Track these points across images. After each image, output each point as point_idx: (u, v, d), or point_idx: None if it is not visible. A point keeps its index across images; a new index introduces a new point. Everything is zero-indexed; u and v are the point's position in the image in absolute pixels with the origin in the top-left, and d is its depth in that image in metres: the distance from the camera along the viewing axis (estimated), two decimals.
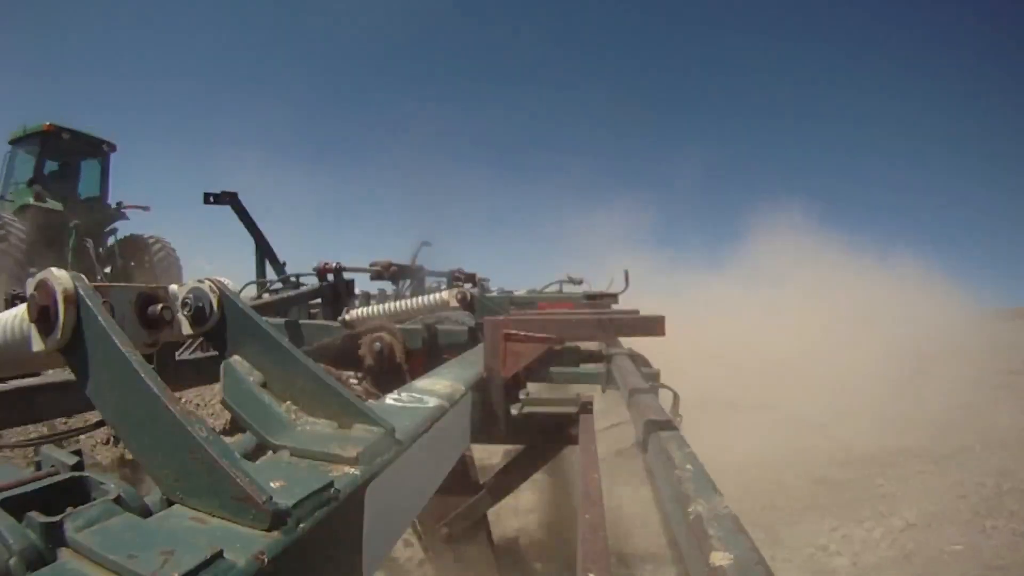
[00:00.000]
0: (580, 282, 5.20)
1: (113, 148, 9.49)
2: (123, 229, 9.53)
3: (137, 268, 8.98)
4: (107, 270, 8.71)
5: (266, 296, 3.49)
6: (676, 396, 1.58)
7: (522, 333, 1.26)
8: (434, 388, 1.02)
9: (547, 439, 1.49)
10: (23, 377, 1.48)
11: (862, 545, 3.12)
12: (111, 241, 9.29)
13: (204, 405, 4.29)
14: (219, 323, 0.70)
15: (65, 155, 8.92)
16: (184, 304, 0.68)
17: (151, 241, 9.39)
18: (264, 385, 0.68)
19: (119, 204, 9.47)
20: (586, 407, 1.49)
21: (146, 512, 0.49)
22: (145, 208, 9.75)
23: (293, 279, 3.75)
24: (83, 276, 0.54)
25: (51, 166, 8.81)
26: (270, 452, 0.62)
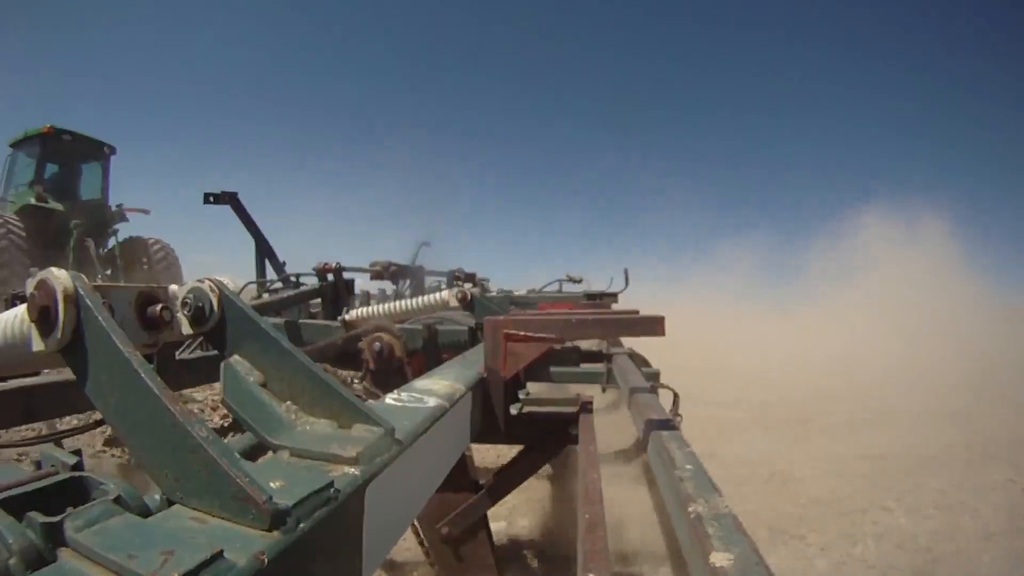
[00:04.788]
0: (580, 281, 5.20)
1: (113, 151, 9.51)
2: (124, 231, 9.57)
3: (137, 270, 8.99)
4: (107, 272, 8.72)
5: (266, 296, 3.49)
6: (676, 396, 1.57)
7: (522, 333, 1.26)
8: (434, 388, 1.02)
9: (547, 439, 1.49)
10: (23, 377, 1.49)
11: None
12: (112, 243, 9.31)
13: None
14: (219, 323, 0.70)
15: (66, 157, 8.94)
16: (184, 304, 0.68)
17: (152, 243, 9.41)
18: (264, 385, 0.68)
19: (120, 206, 9.49)
20: (586, 407, 1.49)
21: (146, 512, 0.49)
22: (146, 211, 9.78)
23: (293, 279, 3.76)
24: (83, 276, 0.54)
25: (52, 168, 8.83)
26: (270, 452, 0.62)
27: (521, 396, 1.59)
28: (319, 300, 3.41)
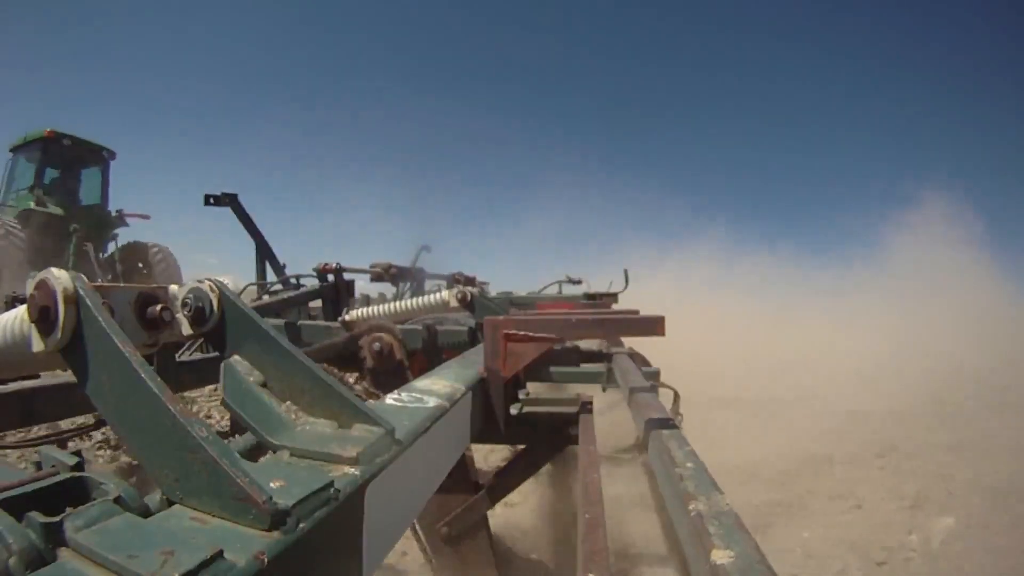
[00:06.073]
0: (579, 282, 5.20)
1: (113, 155, 9.52)
2: (123, 236, 9.58)
3: (137, 275, 8.99)
4: (107, 277, 8.73)
5: (266, 297, 3.49)
6: (676, 395, 1.58)
7: (522, 333, 1.26)
8: (434, 388, 1.02)
9: (547, 439, 1.49)
10: (23, 379, 1.49)
11: None
12: (111, 248, 9.31)
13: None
14: (219, 323, 0.70)
15: (66, 162, 8.95)
16: (184, 304, 0.68)
17: (151, 248, 9.41)
18: (264, 385, 0.68)
19: (120, 211, 9.50)
20: (586, 407, 1.49)
21: (146, 512, 0.49)
22: (146, 217, 9.80)
23: (293, 280, 3.76)
24: (83, 276, 0.54)
25: (52, 173, 8.84)
26: (270, 452, 0.62)
27: (521, 396, 1.59)
28: (319, 302, 3.42)
